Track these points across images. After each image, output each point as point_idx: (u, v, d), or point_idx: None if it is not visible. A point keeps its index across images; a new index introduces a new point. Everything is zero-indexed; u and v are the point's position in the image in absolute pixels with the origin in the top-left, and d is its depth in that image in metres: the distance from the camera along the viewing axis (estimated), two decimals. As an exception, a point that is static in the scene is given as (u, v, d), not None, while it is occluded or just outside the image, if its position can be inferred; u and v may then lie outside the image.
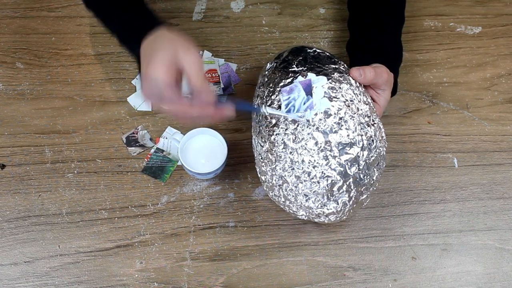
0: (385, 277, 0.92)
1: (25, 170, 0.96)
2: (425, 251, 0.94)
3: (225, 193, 0.96)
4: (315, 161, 0.78)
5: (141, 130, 1.00)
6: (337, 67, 0.84)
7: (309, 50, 0.86)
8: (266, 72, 0.88)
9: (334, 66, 0.84)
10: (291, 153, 0.78)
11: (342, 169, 0.78)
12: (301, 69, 0.83)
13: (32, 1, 1.09)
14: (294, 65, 0.84)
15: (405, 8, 0.99)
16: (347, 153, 0.78)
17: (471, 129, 1.04)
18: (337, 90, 0.80)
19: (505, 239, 0.96)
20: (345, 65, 0.87)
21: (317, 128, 0.78)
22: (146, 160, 0.97)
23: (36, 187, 0.95)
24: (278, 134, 0.80)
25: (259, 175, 0.86)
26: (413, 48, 1.10)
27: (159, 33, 0.77)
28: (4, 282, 0.88)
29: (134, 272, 0.90)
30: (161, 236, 0.93)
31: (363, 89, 0.85)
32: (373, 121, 0.81)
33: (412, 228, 0.96)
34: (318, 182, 0.78)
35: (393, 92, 0.92)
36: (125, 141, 0.99)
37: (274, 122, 0.81)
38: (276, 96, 0.82)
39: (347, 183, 0.79)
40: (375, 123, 0.82)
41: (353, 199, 0.81)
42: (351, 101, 0.80)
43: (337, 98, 0.79)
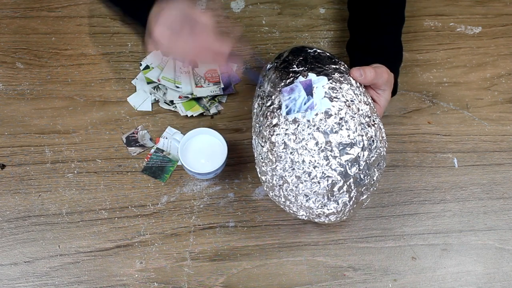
0: (385, 277, 0.92)
1: (25, 170, 0.96)
2: (425, 251, 0.94)
3: (225, 193, 0.96)
4: (315, 161, 0.77)
5: (141, 130, 1.00)
6: (337, 67, 0.84)
7: (309, 50, 0.86)
8: (266, 72, 0.88)
9: (334, 66, 0.84)
10: (291, 153, 0.78)
11: (342, 169, 0.78)
12: (301, 69, 0.83)
13: (32, 1, 1.09)
14: (295, 65, 0.84)
15: (405, 8, 0.99)
16: (347, 153, 0.78)
17: (471, 129, 1.04)
18: (337, 90, 0.80)
19: (505, 239, 0.96)
20: (345, 65, 0.87)
21: (317, 128, 0.78)
22: (146, 160, 0.97)
23: (36, 187, 0.95)
24: (279, 134, 0.80)
25: (259, 175, 0.86)
26: (413, 48, 1.10)
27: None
28: (4, 282, 0.88)
29: (134, 272, 0.90)
30: (161, 236, 0.93)
31: (364, 89, 0.85)
32: (373, 121, 0.81)
33: (412, 228, 0.96)
34: (319, 182, 0.78)
35: (393, 92, 0.92)
36: (125, 141, 0.99)
37: (274, 122, 0.81)
38: (276, 97, 0.82)
39: (348, 183, 0.79)
40: (375, 123, 0.82)
41: (353, 199, 0.81)
42: (351, 101, 0.80)
43: (338, 98, 0.79)
